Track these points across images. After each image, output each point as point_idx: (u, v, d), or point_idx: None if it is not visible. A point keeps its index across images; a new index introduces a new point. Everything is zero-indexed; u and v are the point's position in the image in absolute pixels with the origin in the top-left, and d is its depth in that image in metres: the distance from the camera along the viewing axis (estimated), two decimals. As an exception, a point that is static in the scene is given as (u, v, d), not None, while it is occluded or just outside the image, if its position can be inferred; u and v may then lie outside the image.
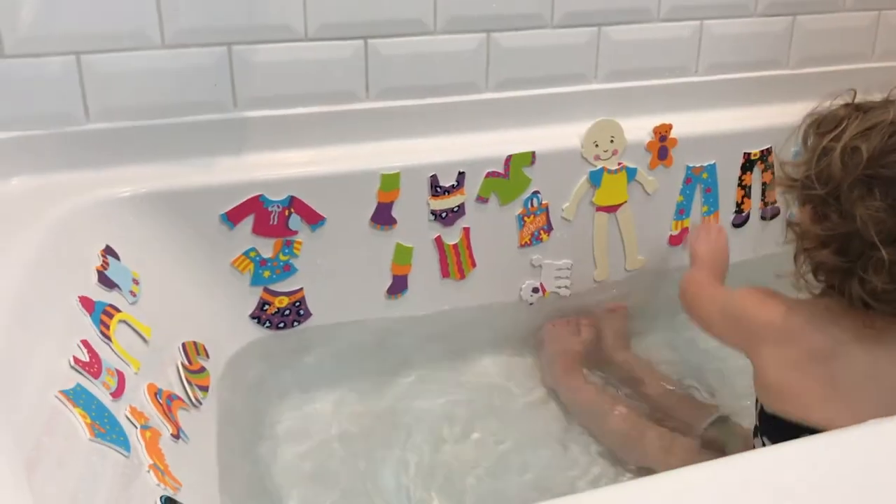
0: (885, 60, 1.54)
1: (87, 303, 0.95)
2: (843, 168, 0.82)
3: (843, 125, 0.85)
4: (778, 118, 1.29)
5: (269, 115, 1.22)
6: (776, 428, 0.92)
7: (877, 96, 0.90)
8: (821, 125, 0.88)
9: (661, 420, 1.20)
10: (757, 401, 0.97)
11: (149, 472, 0.83)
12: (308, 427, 1.20)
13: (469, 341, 1.35)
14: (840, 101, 0.89)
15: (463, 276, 1.33)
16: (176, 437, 0.94)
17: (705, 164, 1.39)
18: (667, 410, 1.21)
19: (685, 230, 1.41)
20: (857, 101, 0.89)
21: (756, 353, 0.94)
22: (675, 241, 1.42)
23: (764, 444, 0.95)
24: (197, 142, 1.19)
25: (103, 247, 1.05)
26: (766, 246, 1.39)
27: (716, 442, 1.13)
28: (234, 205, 1.17)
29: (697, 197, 1.41)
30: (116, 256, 1.06)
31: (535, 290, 1.38)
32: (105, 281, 1.01)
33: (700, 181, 1.39)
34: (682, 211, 1.39)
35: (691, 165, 1.38)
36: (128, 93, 1.15)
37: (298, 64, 1.21)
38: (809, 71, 1.49)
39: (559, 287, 1.39)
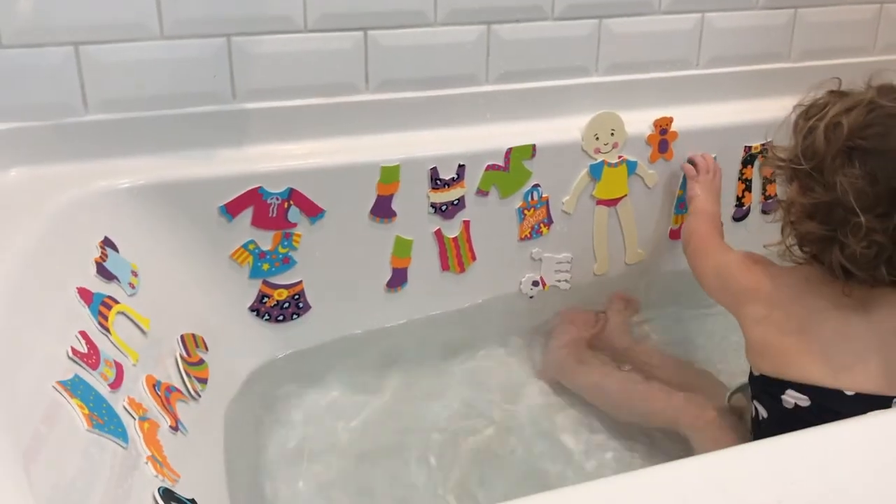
0: (887, 54, 1.54)
1: (85, 294, 0.95)
2: (827, 142, 0.89)
3: (827, 107, 0.92)
4: (779, 112, 1.27)
5: (269, 106, 1.21)
6: (763, 390, 0.98)
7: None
8: (808, 111, 0.96)
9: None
10: (750, 371, 1.02)
11: (147, 463, 0.83)
12: (308, 419, 1.20)
13: (469, 335, 1.35)
14: (825, 90, 0.97)
15: (463, 270, 1.33)
16: (174, 428, 0.94)
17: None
18: (683, 386, 1.21)
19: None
20: (841, 89, 0.96)
21: (741, 313, 1.01)
22: (675, 235, 1.42)
23: (757, 411, 1.00)
24: (196, 133, 1.19)
25: (102, 238, 1.05)
26: (766, 239, 1.38)
27: (737, 409, 1.13)
28: (233, 197, 1.16)
29: None
30: (115, 248, 1.06)
31: (535, 284, 1.37)
32: (104, 272, 1.01)
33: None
34: (682, 205, 1.38)
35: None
36: (126, 84, 1.15)
37: (298, 55, 1.20)
38: (811, 64, 1.49)
39: (559, 280, 1.38)
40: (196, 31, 1.15)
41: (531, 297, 1.38)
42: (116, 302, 0.99)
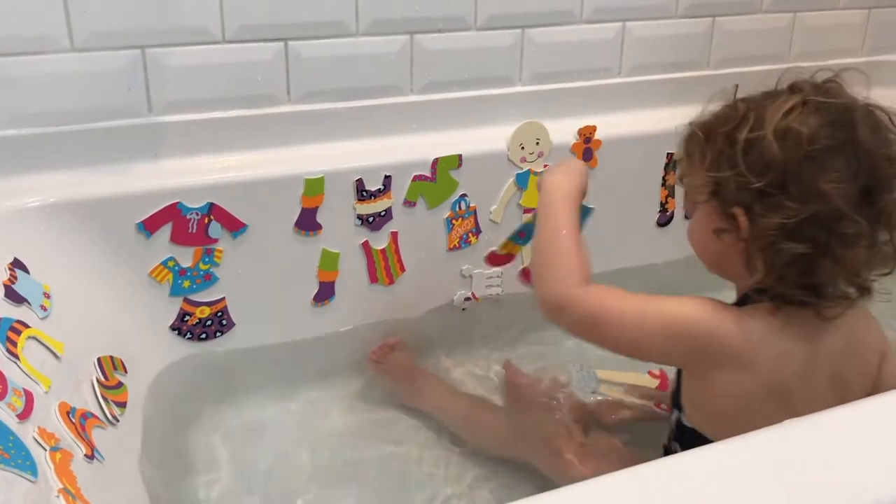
0: (801, 60, 1.58)
1: (-9, 320, 0.91)
2: (783, 151, 0.79)
3: (753, 116, 0.82)
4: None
5: (186, 119, 1.18)
6: (691, 439, 0.89)
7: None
8: (719, 126, 0.84)
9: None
10: (677, 410, 0.92)
11: (58, 496, 0.79)
12: (232, 439, 1.17)
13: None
14: (721, 103, 0.87)
15: (392, 282, 1.32)
16: (90, 457, 0.90)
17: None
18: None
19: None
20: (740, 96, 0.86)
21: (705, 377, 0.85)
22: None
23: (672, 450, 0.92)
24: (110, 148, 1.15)
25: (11, 260, 1.00)
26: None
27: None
28: (151, 213, 1.13)
29: None
30: (25, 269, 1.02)
31: (468, 299, 1.37)
32: (13, 296, 0.97)
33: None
34: (521, 234, 1.19)
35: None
36: (35, 98, 1.11)
37: (216, 67, 1.18)
38: (729, 71, 1.52)
39: (491, 293, 1.38)
40: (108, 44, 1.12)
41: (463, 310, 1.37)
42: (27, 326, 0.95)
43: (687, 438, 0.90)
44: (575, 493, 0.63)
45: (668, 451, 0.96)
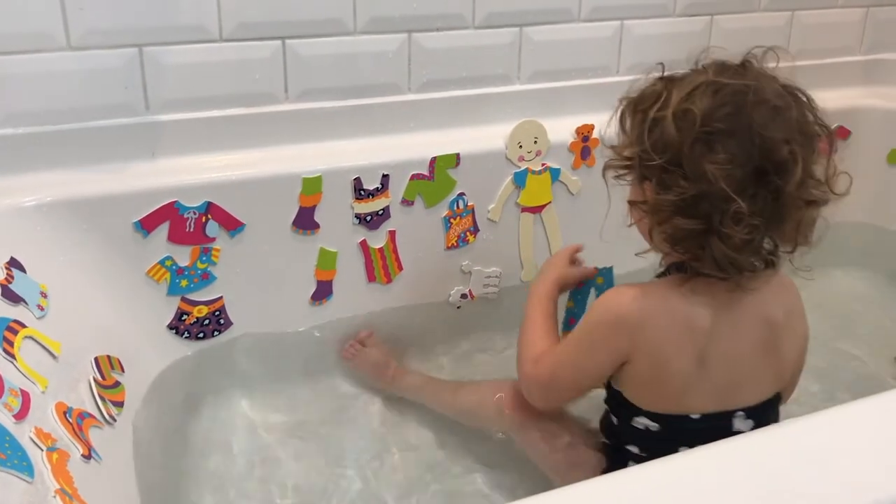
0: (799, 59, 1.57)
1: (-12, 319, 0.90)
2: (679, 131, 0.82)
3: (665, 95, 0.85)
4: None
5: (184, 118, 1.18)
6: (617, 403, 0.94)
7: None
8: (639, 103, 0.88)
9: None
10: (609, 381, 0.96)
11: (55, 497, 0.79)
12: (230, 439, 1.17)
13: (397, 346, 1.33)
14: (651, 79, 0.90)
15: (390, 280, 1.32)
16: (87, 457, 0.90)
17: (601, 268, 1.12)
18: None
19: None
20: (668, 74, 0.90)
21: (636, 356, 0.89)
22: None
23: (609, 416, 0.97)
24: (107, 147, 1.15)
25: (7, 259, 1.00)
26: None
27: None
28: (148, 212, 1.13)
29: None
30: (22, 269, 1.01)
31: (464, 297, 1.37)
32: (9, 295, 0.96)
33: (595, 286, 1.13)
34: (572, 320, 1.12)
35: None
36: (32, 96, 1.10)
37: (214, 65, 1.18)
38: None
39: (487, 292, 1.38)
40: (105, 42, 1.11)
41: (458, 308, 1.37)
42: (23, 326, 0.95)
43: (612, 399, 0.96)
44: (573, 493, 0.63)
45: (605, 417, 1.00)
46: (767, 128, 0.81)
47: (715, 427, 0.89)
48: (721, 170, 0.80)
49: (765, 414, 0.93)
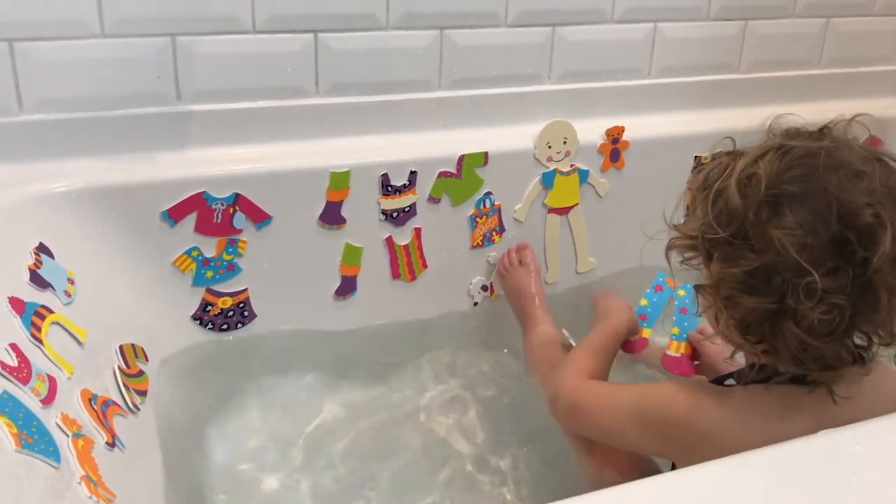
0: (832, 67, 1.56)
1: (16, 304, 0.90)
2: (743, 198, 0.74)
3: (730, 166, 0.78)
4: (729, 122, 1.30)
5: (214, 109, 1.18)
6: None
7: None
8: (706, 180, 0.80)
9: None
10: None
11: (80, 483, 0.79)
12: (251, 430, 1.16)
13: (418, 343, 1.33)
14: (720, 155, 0.82)
15: (414, 278, 1.31)
16: (111, 445, 0.90)
17: (684, 283, 1.14)
18: None
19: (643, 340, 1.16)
20: (737, 149, 0.81)
21: (685, 462, 0.79)
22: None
23: None
24: (137, 135, 1.15)
25: (36, 244, 1.00)
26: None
27: None
28: (176, 202, 1.13)
29: (667, 311, 1.20)
30: (50, 255, 1.02)
31: (484, 289, 1.36)
32: (37, 280, 0.96)
33: (675, 296, 1.17)
34: (643, 317, 1.16)
35: (666, 275, 1.13)
36: (64, 83, 1.10)
37: (246, 57, 1.17)
38: (760, 76, 1.50)
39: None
40: (139, 30, 1.11)
41: (476, 304, 1.36)
42: (51, 311, 0.95)
43: None
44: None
45: None
46: (846, 191, 0.71)
47: None
48: (790, 236, 0.70)
49: None
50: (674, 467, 0.85)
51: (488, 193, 1.30)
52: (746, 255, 0.73)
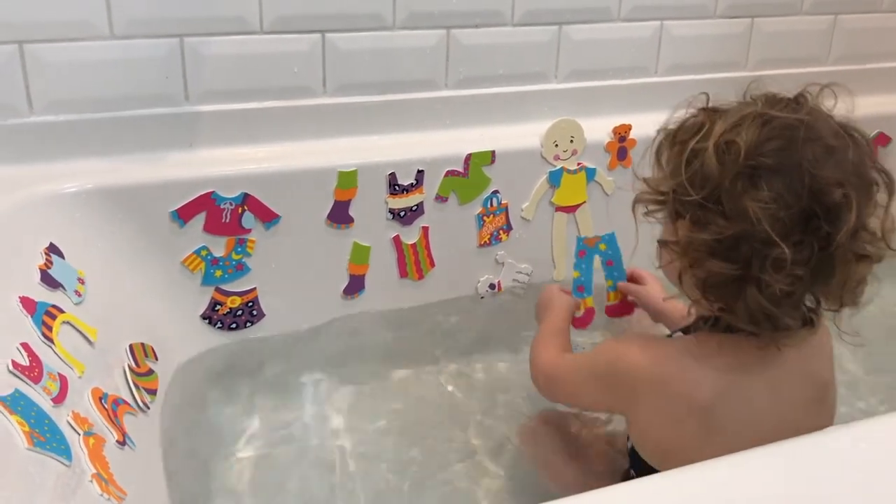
0: (840, 64, 1.56)
1: (28, 303, 0.91)
2: (720, 165, 0.75)
3: (707, 126, 0.78)
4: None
5: (223, 109, 1.19)
6: (642, 467, 0.88)
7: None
8: (679, 134, 0.81)
9: None
10: (628, 438, 0.91)
11: (91, 481, 0.79)
12: (260, 429, 1.17)
13: (426, 340, 1.33)
14: (692, 110, 0.83)
15: (421, 276, 1.31)
16: (122, 443, 0.90)
17: (602, 235, 1.19)
18: None
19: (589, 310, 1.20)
20: (711, 105, 0.82)
21: (634, 411, 0.86)
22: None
23: (633, 474, 0.92)
24: (146, 136, 1.16)
25: (47, 244, 1.01)
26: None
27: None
28: (185, 202, 1.13)
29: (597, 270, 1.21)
30: (61, 255, 1.02)
31: (492, 287, 1.36)
32: (48, 280, 0.97)
33: (598, 253, 1.19)
34: (581, 288, 1.17)
35: (583, 237, 1.19)
36: (74, 84, 1.11)
37: (253, 57, 1.18)
38: (767, 73, 1.49)
39: (515, 285, 1.38)
40: (147, 31, 1.12)
41: (482, 298, 1.36)
42: (61, 311, 0.96)
43: (637, 464, 0.90)
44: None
45: (627, 477, 0.95)
46: (820, 167, 0.73)
47: None
48: (765, 209, 0.72)
49: None
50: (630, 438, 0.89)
51: (495, 192, 1.31)
52: (717, 222, 0.75)
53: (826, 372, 0.86)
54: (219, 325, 1.21)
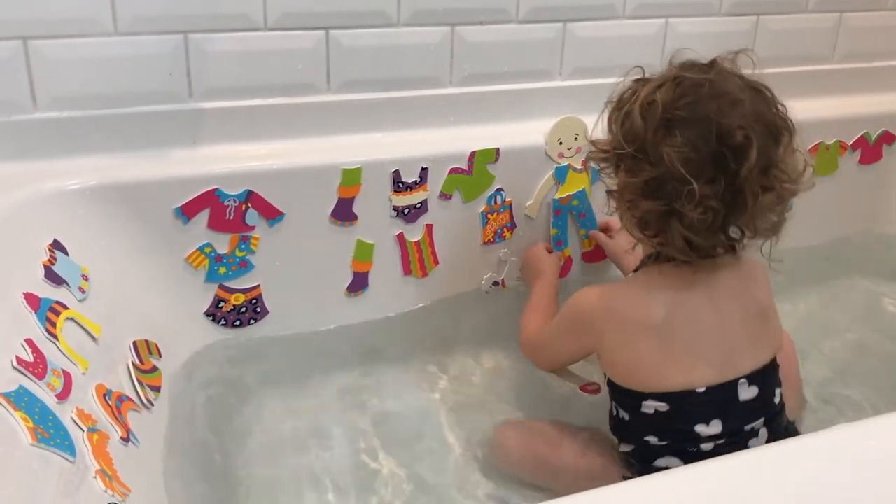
0: (845, 62, 1.55)
1: (32, 300, 0.91)
2: (644, 120, 0.90)
3: (636, 92, 0.94)
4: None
5: (227, 106, 1.18)
6: (622, 396, 1.00)
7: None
8: (618, 102, 0.97)
9: None
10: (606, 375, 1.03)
11: (95, 477, 0.79)
12: (262, 426, 1.17)
13: (430, 338, 1.33)
14: (630, 80, 0.98)
15: (425, 274, 1.31)
16: (126, 440, 0.90)
17: (574, 192, 1.34)
18: None
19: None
20: (645, 76, 0.97)
21: (601, 345, 0.99)
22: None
23: (617, 411, 1.01)
24: (150, 133, 1.16)
25: (51, 241, 1.01)
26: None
27: None
28: (189, 198, 1.13)
29: (572, 224, 1.36)
30: (65, 251, 1.02)
31: (496, 284, 1.36)
32: (52, 277, 0.97)
33: (571, 208, 1.34)
34: (560, 242, 1.36)
35: (558, 198, 1.33)
36: (78, 81, 1.11)
37: (257, 54, 1.18)
38: (772, 71, 1.47)
39: (519, 284, 1.37)
40: (152, 28, 1.12)
41: (486, 293, 1.36)
42: (65, 307, 0.96)
43: (613, 391, 1.02)
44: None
45: (611, 413, 1.04)
46: (724, 115, 0.87)
47: (722, 398, 0.94)
48: (678, 153, 0.86)
49: (765, 379, 0.97)
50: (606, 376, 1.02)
51: (499, 189, 1.30)
52: (645, 168, 0.90)
53: (763, 297, 0.99)
54: (222, 322, 1.21)
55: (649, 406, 0.96)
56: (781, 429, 1.00)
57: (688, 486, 0.64)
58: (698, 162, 0.86)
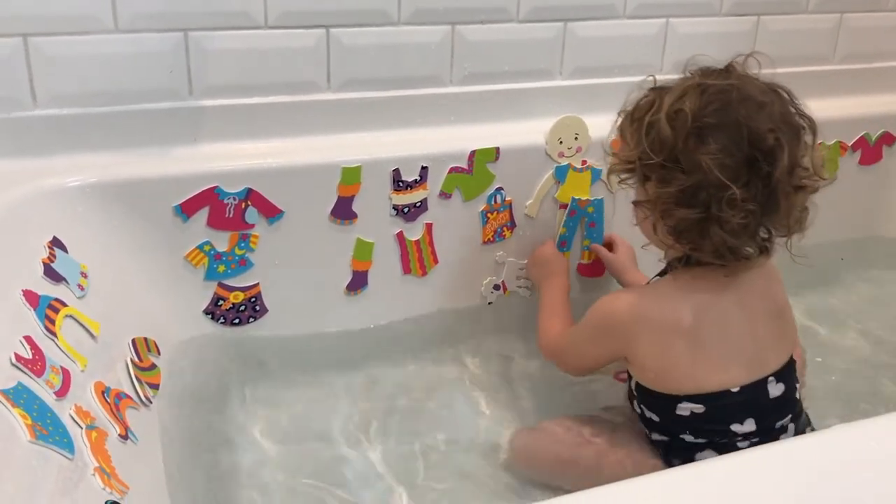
0: (846, 63, 1.56)
1: (31, 297, 0.91)
2: (673, 130, 0.90)
3: (658, 101, 0.93)
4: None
5: (227, 104, 1.18)
6: (654, 400, 1.00)
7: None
8: (635, 112, 0.97)
9: None
10: (630, 378, 1.04)
11: (94, 475, 0.79)
12: (262, 426, 1.17)
13: (430, 336, 1.33)
14: (644, 90, 0.98)
15: (425, 273, 1.31)
16: (124, 437, 0.90)
17: (592, 199, 1.34)
18: None
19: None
20: (659, 85, 0.97)
21: (632, 350, 0.99)
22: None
23: (642, 411, 1.02)
24: (150, 130, 1.16)
25: (50, 238, 1.01)
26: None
27: None
28: (189, 196, 1.13)
29: (580, 230, 1.36)
30: (64, 248, 1.02)
31: (497, 288, 1.36)
32: (51, 274, 0.97)
33: (585, 214, 1.35)
34: (563, 243, 1.35)
35: (578, 198, 1.33)
36: (78, 78, 1.11)
37: (258, 52, 1.18)
38: (772, 72, 1.48)
39: (520, 286, 1.37)
40: (152, 26, 1.12)
41: (490, 304, 1.36)
42: (64, 304, 0.96)
43: (641, 396, 1.02)
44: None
45: (639, 413, 1.04)
46: (753, 119, 0.88)
47: (754, 397, 0.96)
48: (714, 159, 0.87)
49: (789, 376, 0.99)
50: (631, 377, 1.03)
51: (499, 189, 1.30)
52: (678, 177, 0.90)
53: (780, 294, 1.02)
54: (222, 320, 1.21)
55: (685, 408, 0.96)
56: (803, 425, 1.01)
57: (688, 486, 0.64)
58: (734, 167, 0.88)
